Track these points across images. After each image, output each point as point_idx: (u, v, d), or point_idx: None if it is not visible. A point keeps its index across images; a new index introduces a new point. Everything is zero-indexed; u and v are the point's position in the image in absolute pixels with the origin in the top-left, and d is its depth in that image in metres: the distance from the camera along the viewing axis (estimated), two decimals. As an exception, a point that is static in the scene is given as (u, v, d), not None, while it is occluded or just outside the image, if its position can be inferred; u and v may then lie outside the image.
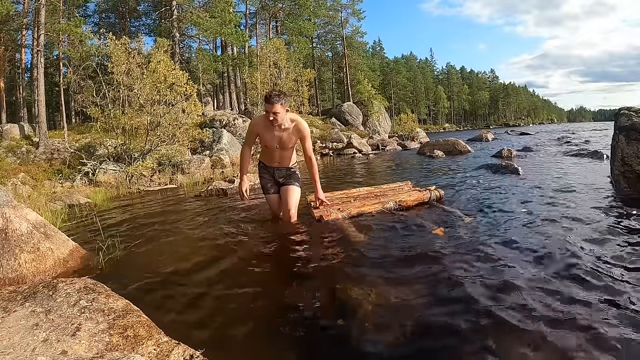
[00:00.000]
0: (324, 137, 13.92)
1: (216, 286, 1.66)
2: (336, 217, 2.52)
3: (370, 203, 2.78)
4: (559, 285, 1.45)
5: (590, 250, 1.81)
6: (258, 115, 2.48)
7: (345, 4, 27.97)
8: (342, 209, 2.64)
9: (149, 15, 20.97)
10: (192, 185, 5.95)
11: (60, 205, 4.31)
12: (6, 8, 11.18)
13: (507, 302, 1.33)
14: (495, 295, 1.38)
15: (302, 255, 2.03)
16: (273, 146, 2.45)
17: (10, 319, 1.10)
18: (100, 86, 7.59)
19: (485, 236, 2.11)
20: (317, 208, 2.66)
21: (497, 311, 1.27)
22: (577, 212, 2.59)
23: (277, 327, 1.28)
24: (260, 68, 12.56)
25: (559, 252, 1.78)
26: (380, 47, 44.94)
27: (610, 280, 1.47)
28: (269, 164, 2.59)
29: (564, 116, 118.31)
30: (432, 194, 3.01)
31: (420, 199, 2.94)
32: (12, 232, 1.92)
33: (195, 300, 1.53)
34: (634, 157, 3.15)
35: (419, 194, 2.98)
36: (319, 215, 2.52)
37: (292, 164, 2.62)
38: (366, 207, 2.71)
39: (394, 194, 3.06)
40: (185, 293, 1.60)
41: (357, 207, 2.68)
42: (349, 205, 2.75)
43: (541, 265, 1.66)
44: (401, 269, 1.69)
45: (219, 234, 2.51)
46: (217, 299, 1.53)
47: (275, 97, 2.27)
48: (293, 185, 2.56)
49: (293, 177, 2.60)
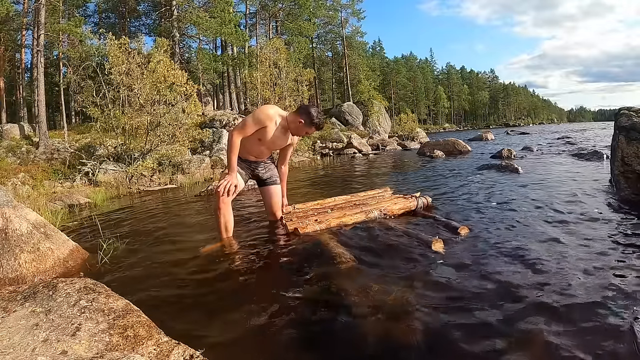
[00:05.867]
0: (324, 137, 13.92)
1: (216, 286, 1.66)
2: (313, 229, 2.25)
3: (351, 213, 2.50)
4: (563, 299, 1.36)
5: (592, 253, 1.81)
6: (274, 112, 2.23)
7: (345, 4, 28.00)
8: (319, 220, 2.36)
9: (149, 15, 20.97)
10: (192, 185, 5.96)
11: (60, 205, 4.31)
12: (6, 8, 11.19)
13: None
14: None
15: (303, 255, 2.03)
16: (267, 144, 2.36)
17: (10, 319, 1.10)
18: (100, 86, 7.59)
19: (484, 250, 1.91)
20: (290, 220, 2.43)
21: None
22: (577, 213, 2.59)
23: (277, 327, 1.28)
24: (260, 68, 12.56)
25: (561, 259, 1.75)
26: (380, 47, 44.94)
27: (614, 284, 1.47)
28: (247, 157, 2.43)
29: (564, 116, 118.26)
30: (419, 201, 2.76)
31: (406, 208, 2.69)
32: (12, 232, 1.92)
33: (195, 300, 1.53)
34: (634, 157, 3.15)
35: (404, 202, 2.73)
36: (294, 228, 2.26)
37: (268, 158, 2.55)
38: (347, 217, 2.43)
39: (376, 202, 2.80)
40: (185, 293, 1.60)
41: (337, 218, 2.40)
42: (327, 216, 2.46)
43: (543, 275, 1.57)
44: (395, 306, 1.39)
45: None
46: (217, 299, 1.53)
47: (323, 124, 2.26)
48: (275, 185, 2.53)
49: (274, 173, 2.55)
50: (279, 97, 12.34)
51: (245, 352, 1.16)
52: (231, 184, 2.19)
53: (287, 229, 2.34)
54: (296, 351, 1.17)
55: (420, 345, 1.14)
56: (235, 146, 2.18)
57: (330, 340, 1.20)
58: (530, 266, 1.66)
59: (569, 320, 1.22)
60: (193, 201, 4.27)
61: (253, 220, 2.88)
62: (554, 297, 1.38)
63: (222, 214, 2.21)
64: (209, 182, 5.78)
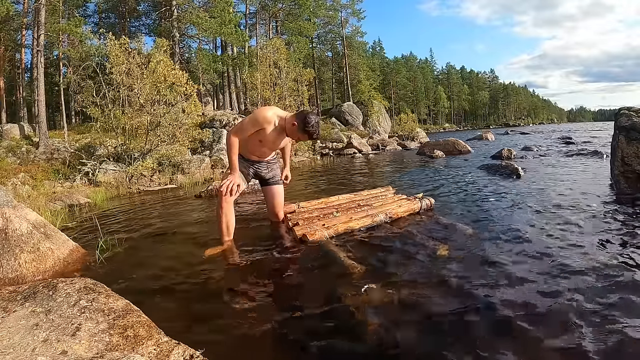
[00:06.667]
0: (324, 137, 13.92)
1: (216, 286, 1.66)
2: (322, 236, 2.22)
3: (358, 217, 2.48)
4: (573, 297, 1.37)
5: (593, 254, 1.81)
6: (272, 113, 2.21)
7: (345, 4, 27.98)
8: (327, 225, 2.34)
9: (148, 15, 20.96)
10: (192, 185, 5.95)
11: (60, 205, 4.31)
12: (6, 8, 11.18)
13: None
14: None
15: (305, 256, 2.02)
16: (269, 145, 2.36)
17: (10, 319, 1.10)
18: (100, 86, 7.60)
19: (489, 252, 1.90)
20: (297, 225, 2.39)
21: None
22: (578, 212, 2.60)
23: (277, 328, 1.28)
24: (260, 68, 12.56)
25: (566, 258, 1.75)
26: (380, 47, 44.90)
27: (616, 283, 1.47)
28: (249, 157, 2.43)
29: (564, 116, 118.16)
30: (423, 203, 2.78)
31: (410, 210, 2.70)
32: (12, 232, 1.92)
33: (195, 300, 1.53)
34: (634, 157, 3.15)
35: (408, 204, 2.73)
36: (302, 234, 2.23)
37: (272, 158, 2.55)
38: (354, 222, 2.41)
39: (379, 202, 2.80)
40: (185, 293, 1.60)
41: (344, 223, 2.38)
42: (333, 220, 2.45)
43: (550, 275, 1.58)
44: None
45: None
46: (217, 299, 1.53)
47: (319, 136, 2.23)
48: (277, 185, 2.54)
49: (277, 173, 2.56)
50: (279, 97, 12.34)
51: (245, 352, 1.16)
52: (233, 183, 2.20)
53: (294, 234, 2.30)
54: (296, 351, 1.17)
55: (426, 349, 1.14)
56: (233, 147, 2.19)
57: (331, 342, 1.19)
58: (536, 267, 1.67)
59: (572, 320, 1.22)
60: (193, 201, 4.26)
61: (254, 220, 2.88)
62: (555, 297, 1.38)
63: (224, 213, 2.21)
64: (209, 182, 5.78)
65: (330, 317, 1.34)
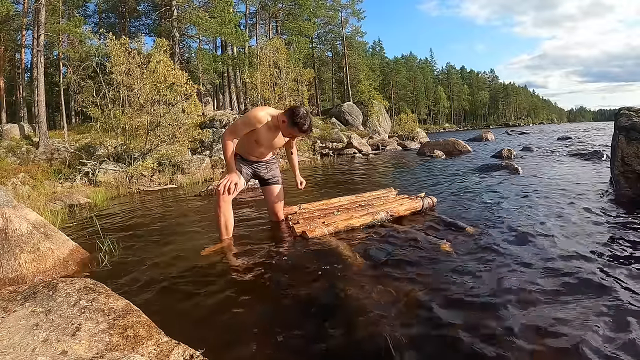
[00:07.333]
0: (324, 137, 13.91)
1: (216, 286, 1.65)
2: (322, 233, 2.23)
3: (358, 215, 2.47)
4: (572, 296, 1.38)
5: (594, 254, 1.81)
6: (264, 114, 2.20)
7: (345, 4, 27.99)
8: (327, 222, 2.35)
9: (149, 15, 20.98)
10: (192, 185, 5.95)
11: (60, 205, 4.31)
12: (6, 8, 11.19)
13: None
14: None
15: (306, 255, 2.02)
16: (266, 145, 2.35)
17: (10, 319, 1.10)
18: (100, 86, 7.60)
19: (491, 250, 1.91)
20: (297, 223, 2.40)
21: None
22: (578, 212, 2.60)
23: (278, 327, 1.28)
24: (260, 68, 12.55)
25: (566, 258, 1.76)
26: (380, 47, 44.91)
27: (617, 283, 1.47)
28: (248, 157, 2.43)
29: (564, 116, 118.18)
30: (425, 201, 2.76)
31: (412, 209, 2.69)
32: (12, 232, 1.92)
33: (195, 300, 1.53)
34: (634, 157, 3.15)
35: (410, 203, 2.72)
36: (302, 231, 2.24)
37: (270, 158, 2.55)
38: (354, 219, 2.40)
39: (381, 203, 2.78)
40: (185, 293, 1.59)
41: (345, 220, 2.38)
42: (334, 218, 2.45)
43: (549, 276, 1.58)
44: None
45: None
46: (217, 299, 1.53)
47: (311, 129, 2.21)
48: (277, 185, 2.54)
49: (276, 173, 2.56)
50: (279, 97, 12.34)
51: (245, 352, 1.16)
52: (231, 182, 2.20)
53: (294, 231, 2.31)
54: (297, 352, 1.17)
55: (429, 346, 1.14)
56: (227, 148, 2.22)
57: (332, 341, 1.19)
58: (537, 266, 1.67)
59: (575, 319, 1.22)
60: (193, 201, 4.26)
61: (254, 220, 2.88)
62: (555, 295, 1.38)
63: (222, 212, 2.22)
64: (209, 182, 5.78)
65: (331, 315, 1.34)
